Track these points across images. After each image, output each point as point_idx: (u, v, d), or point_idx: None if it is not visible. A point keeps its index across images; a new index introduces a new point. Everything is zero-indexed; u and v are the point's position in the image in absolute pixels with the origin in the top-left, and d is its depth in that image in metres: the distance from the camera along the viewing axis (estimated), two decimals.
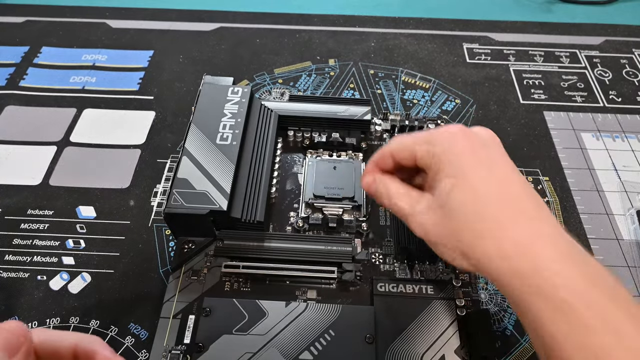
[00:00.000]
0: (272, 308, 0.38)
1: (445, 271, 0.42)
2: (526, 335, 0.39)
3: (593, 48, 0.64)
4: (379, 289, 0.40)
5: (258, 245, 0.41)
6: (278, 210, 0.46)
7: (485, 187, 0.29)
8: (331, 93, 0.58)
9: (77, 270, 0.43)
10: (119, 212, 0.47)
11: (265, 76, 0.60)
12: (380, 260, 0.43)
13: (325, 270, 0.40)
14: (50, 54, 0.62)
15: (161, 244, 0.44)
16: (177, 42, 0.64)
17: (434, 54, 0.63)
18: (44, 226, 0.46)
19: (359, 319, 0.37)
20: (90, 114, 0.55)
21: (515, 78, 0.60)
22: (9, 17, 0.67)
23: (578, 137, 0.54)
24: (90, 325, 0.39)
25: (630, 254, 0.44)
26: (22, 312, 0.40)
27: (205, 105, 0.47)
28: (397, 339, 0.37)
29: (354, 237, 0.44)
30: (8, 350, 0.25)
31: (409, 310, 0.39)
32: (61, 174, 0.50)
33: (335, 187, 0.45)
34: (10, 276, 0.42)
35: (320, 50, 0.63)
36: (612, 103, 0.57)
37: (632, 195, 0.48)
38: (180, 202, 0.40)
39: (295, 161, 0.50)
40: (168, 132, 0.53)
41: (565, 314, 0.25)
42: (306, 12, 0.69)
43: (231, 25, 0.67)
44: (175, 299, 0.40)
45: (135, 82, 0.59)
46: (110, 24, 0.66)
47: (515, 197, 0.29)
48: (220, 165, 0.42)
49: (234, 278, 0.41)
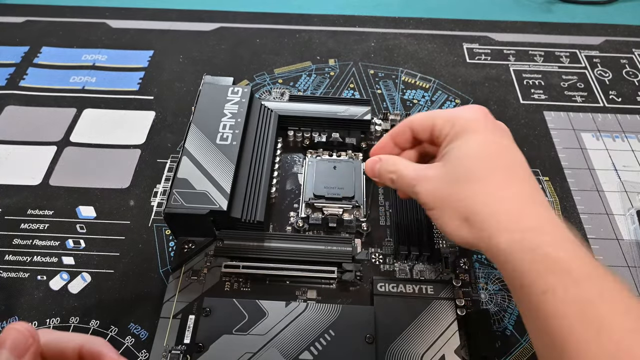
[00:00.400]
0: (272, 308, 0.38)
1: (445, 271, 0.42)
2: (526, 335, 0.39)
3: (593, 48, 0.64)
4: (379, 289, 0.40)
5: (258, 245, 0.41)
6: (278, 210, 0.46)
7: (493, 149, 0.32)
8: (331, 93, 0.58)
9: (77, 270, 0.43)
10: (119, 212, 0.47)
11: (265, 76, 0.60)
12: (380, 260, 0.43)
13: (325, 270, 0.40)
14: (50, 54, 0.62)
15: (161, 244, 0.44)
16: (177, 42, 0.64)
17: (434, 54, 0.63)
18: (44, 226, 0.46)
19: (359, 319, 0.37)
20: (90, 114, 0.55)
21: (515, 78, 0.60)
22: (9, 17, 0.67)
23: (578, 137, 0.54)
24: (90, 325, 0.39)
25: (630, 254, 0.44)
26: (22, 312, 0.40)
27: (205, 105, 0.47)
28: (397, 339, 0.37)
29: (354, 237, 0.44)
30: (17, 351, 0.25)
31: (409, 310, 0.38)
32: (61, 174, 0.50)
33: (335, 186, 0.45)
34: (10, 276, 0.42)
35: (320, 50, 0.63)
36: (612, 103, 0.57)
37: (632, 195, 0.48)
38: (180, 202, 0.40)
39: (295, 161, 0.50)
40: (168, 132, 0.53)
41: (553, 265, 0.26)
42: (306, 12, 0.69)
43: (231, 25, 0.67)
44: (175, 299, 0.40)
45: (135, 82, 0.59)
46: (110, 24, 0.66)
47: (519, 164, 0.32)
48: (220, 165, 0.42)
49: (234, 278, 0.41)
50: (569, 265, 0.26)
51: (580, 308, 0.25)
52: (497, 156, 0.32)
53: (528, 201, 0.30)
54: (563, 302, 0.25)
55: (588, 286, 0.26)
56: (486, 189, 0.30)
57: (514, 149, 0.33)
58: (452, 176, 0.32)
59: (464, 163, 0.32)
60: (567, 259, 0.27)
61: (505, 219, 0.29)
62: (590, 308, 0.25)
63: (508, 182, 0.31)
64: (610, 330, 0.24)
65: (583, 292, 0.26)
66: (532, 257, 0.27)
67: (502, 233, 0.29)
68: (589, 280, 0.26)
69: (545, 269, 0.27)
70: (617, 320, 0.25)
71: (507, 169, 0.32)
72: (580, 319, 0.25)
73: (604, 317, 0.25)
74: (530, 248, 0.28)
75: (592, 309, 0.25)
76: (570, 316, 0.25)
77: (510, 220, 0.29)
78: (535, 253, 0.27)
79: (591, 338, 0.24)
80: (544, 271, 0.27)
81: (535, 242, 0.28)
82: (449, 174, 0.32)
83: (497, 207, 0.30)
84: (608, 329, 0.24)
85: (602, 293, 0.25)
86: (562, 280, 0.26)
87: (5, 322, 0.40)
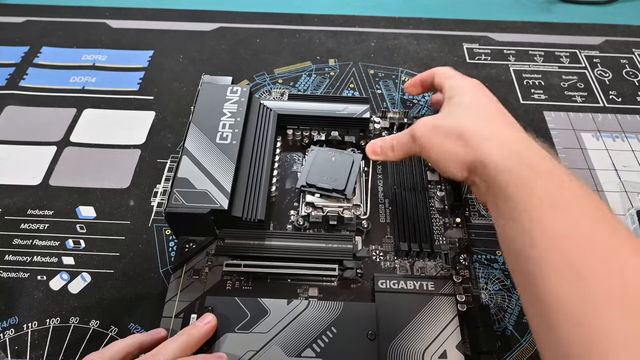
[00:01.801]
0: (273, 306, 0.38)
1: (445, 267, 0.42)
2: (526, 335, 0.39)
3: (593, 48, 0.64)
4: (380, 286, 0.40)
5: (259, 243, 0.41)
6: (278, 208, 0.46)
7: (481, 102, 0.39)
8: (331, 93, 0.58)
9: (77, 270, 0.43)
10: (119, 212, 0.47)
11: (265, 76, 0.60)
12: (381, 257, 0.43)
13: (326, 267, 0.40)
14: (50, 54, 0.62)
15: (161, 244, 0.44)
16: (177, 42, 0.64)
17: (434, 54, 0.63)
18: (44, 226, 0.46)
19: (361, 315, 0.37)
20: (90, 114, 0.55)
21: (515, 78, 0.60)
22: (9, 17, 0.67)
23: (578, 137, 0.54)
24: (90, 325, 0.39)
25: None
26: (22, 312, 0.40)
27: (204, 104, 0.47)
28: (398, 335, 0.37)
29: (355, 234, 0.44)
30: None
31: (410, 306, 0.38)
32: (61, 174, 0.50)
33: (328, 177, 0.45)
34: (10, 276, 0.42)
35: (320, 50, 0.63)
36: (612, 103, 0.57)
37: (632, 195, 0.48)
38: (181, 202, 0.39)
39: (295, 160, 0.50)
40: (168, 132, 0.53)
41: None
42: (306, 12, 0.69)
43: (231, 25, 0.67)
44: (177, 298, 0.40)
45: (135, 82, 0.59)
46: (110, 24, 0.66)
47: (502, 111, 0.39)
48: (220, 164, 0.42)
49: (235, 277, 0.41)
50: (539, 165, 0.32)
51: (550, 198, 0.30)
52: (483, 105, 0.39)
53: (511, 125, 0.37)
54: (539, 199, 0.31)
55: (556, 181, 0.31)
56: (476, 116, 0.37)
57: (497, 102, 0.40)
58: (448, 113, 0.39)
59: (457, 107, 0.39)
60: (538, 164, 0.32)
61: (494, 134, 0.35)
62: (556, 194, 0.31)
63: (493, 115, 0.38)
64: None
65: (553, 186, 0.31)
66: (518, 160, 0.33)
67: (492, 142, 0.34)
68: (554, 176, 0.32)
69: (528, 171, 0.32)
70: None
71: (492, 109, 0.39)
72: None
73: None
74: (516, 152, 0.33)
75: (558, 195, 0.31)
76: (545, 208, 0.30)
77: (499, 135, 0.35)
78: (520, 157, 0.33)
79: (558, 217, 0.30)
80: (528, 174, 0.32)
81: (518, 148, 0.34)
82: (446, 114, 0.39)
83: (486, 127, 0.36)
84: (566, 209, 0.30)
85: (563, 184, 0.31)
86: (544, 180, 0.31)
87: (5, 322, 0.39)
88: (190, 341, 0.34)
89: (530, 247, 0.29)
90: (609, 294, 0.26)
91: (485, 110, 0.38)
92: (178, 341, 0.33)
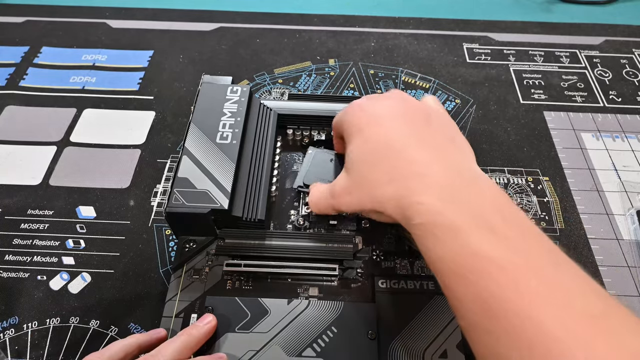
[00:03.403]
0: (274, 306, 0.38)
1: None
2: None
3: (593, 48, 0.65)
4: (380, 286, 0.40)
5: (259, 243, 0.41)
6: (279, 208, 0.46)
7: (370, 147, 0.35)
8: (331, 93, 0.58)
9: (77, 270, 0.43)
10: (119, 212, 0.47)
11: (265, 76, 0.60)
12: (382, 257, 0.43)
13: (326, 267, 0.40)
14: (50, 54, 0.62)
15: (161, 244, 0.44)
16: (177, 42, 0.64)
17: (434, 54, 0.63)
18: (44, 226, 0.46)
19: (361, 315, 0.37)
20: (90, 114, 0.55)
21: (515, 78, 0.60)
22: (9, 17, 0.67)
23: (578, 137, 0.54)
24: (90, 325, 0.39)
25: (630, 254, 0.44)
26: (22, 312, 0.40)
27: (204, 104, 0.47)
28: (399, 335, 0.37)
29: (355, 234, 0.44)
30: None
31: (410, 306, 0.39)
32: (61, 174, 0.50)
33: (325, 178, 0.45)
34: (10, 276, 0.42)
35: (320, 50, 0.63)
36: (612, 103, 0.58)
37: (632, 195, 0.48)
38: (181, 201, 0.39)
39: (295, 159, 0.50)
40: (168, 132, 0.53)
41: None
42: (306, 12, 0.69)
43: (231, 25, 0.67)
44: (177, 298, 0.40)
45: (135, 82, 0.59)
46: (110, 24, 0.66)
47: (391, 147, 0.33)
48: (220, 164, 0.42)
49: (235, 276, 0.41)
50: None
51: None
52: (374, 152, 0.34)
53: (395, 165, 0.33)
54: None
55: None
56: (377, 182, 0.33)
57: (386, 134, 0.34)
58: (353, 180, 0.35)
59: (355, 168, 0.35)
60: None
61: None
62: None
63: (391, 169, 0.33)
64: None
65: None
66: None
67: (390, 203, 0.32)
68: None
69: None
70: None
71: (387, 157, 0.33)
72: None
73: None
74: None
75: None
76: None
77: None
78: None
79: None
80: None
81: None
82: (351, 183, 0.36)
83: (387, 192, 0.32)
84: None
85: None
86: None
87: (5, 322, 0.39)
88: (190, 341, 0.34)
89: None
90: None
91: (380, 164, 0.34)
92: (178, 341, 0.33)
